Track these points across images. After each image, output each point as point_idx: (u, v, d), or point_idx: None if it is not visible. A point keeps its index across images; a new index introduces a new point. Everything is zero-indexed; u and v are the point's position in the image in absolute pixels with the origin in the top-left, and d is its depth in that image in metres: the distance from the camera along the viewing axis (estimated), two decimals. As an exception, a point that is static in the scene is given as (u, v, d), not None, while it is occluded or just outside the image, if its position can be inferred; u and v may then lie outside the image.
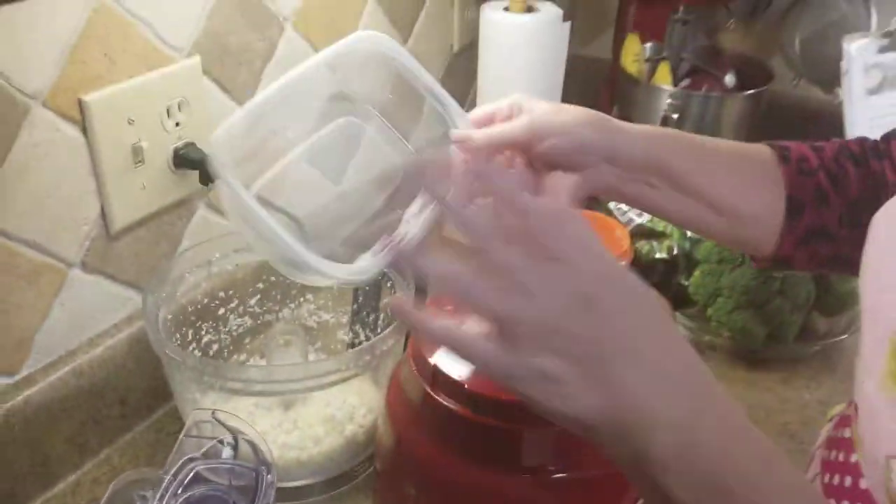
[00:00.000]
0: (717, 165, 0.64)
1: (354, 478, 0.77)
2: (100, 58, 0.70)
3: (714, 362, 0.95)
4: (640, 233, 1.02)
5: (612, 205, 1.03)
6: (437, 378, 0.64)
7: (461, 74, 1.25)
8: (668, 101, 1.17)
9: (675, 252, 0.99)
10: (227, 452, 0.63)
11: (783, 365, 0.94)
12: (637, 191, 0.63)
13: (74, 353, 0.76)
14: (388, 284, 0.82)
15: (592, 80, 1.41)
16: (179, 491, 0.58)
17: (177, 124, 0.78)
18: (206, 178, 0.81)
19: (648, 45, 1.27)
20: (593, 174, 0.61)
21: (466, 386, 0.62)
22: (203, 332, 0.83)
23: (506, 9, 1.05)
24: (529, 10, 1.05)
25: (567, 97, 1.16)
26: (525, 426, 0.61)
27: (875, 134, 1.05)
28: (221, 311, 0.85)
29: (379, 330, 0.84)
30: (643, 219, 1.02)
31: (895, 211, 0.52)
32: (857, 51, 1.11)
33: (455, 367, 0.63)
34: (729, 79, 1.26)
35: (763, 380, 0.92)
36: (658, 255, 1.00)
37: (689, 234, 1.00)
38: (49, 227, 0.71)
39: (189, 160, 0.80)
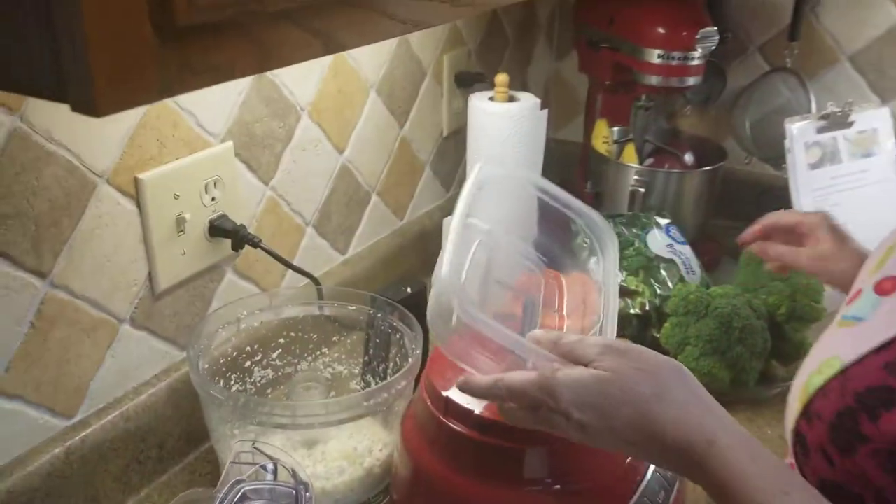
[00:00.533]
0: None
1: (371, 508, 0.87)
2: (153, 142, 0.83)
3: (686, 405, 1.06)
4: (615, 292, 1.14)
5: (589, 266, 1.16)
6: (450, 408, 0.74)
7: (450, 156, 1.39)
8: (635, 177, 1.31)
9: (647, 308, 1.11)
10: (268, 477, 0.72)
11: (747, 406, 1.05)
12: None
13: (121, 401, 0.85)
14: (398, 336, 0.93)
15: (567, 160, 1.56)
16: (231, 506, 0.68)
17: (213, 199, 0.91)
18: (238, 245, 0.93)
19: (616, 128, 1.43)
20: None
21: (475, 412, 0.73)
22: (232, 382, 0.93)
23: (491, 98, 1.19)
24: (511, 99, 1.20)
25: (545, 172, 1.29)
26: (526, 444, 0.71)
27: (819, 204, 1.21)
28: (247, 363, 0.95)
29: (388, 378, 0.94)
30: (618, 278, 1.14)
31: None
32: (799, 131, 1.27)
33: (464, 398, 0.74)
34: (688, 157, 1.41)
35: (730, 420, 1.03)
36: (632, 311, 1.12)
37: (658, 291, 1.13)
38: (106, 287, 0.81)
39: (222, 230, 0.91)
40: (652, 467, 0.75)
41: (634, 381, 0.58)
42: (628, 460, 0.74)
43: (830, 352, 0.59)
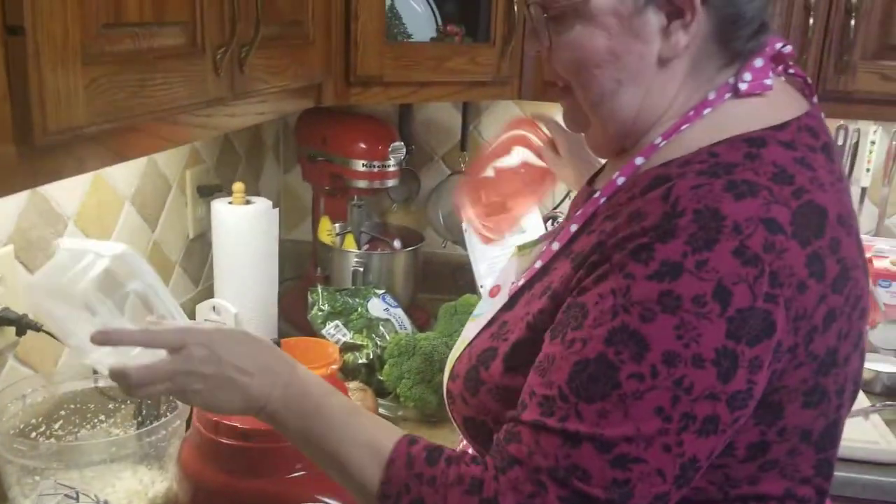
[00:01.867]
0: None
1: (157, 534, 1.05)
2: (-54, 247, 0.99)
3: (408, 429, 1.35)
4: (346, 347, 1.43)
5: (323, 331, 1.44)
6: (219, 428, 0.97)
7: (197, 256, 1.62)
8: (355, 259, 1.63)
9: (371, 357, 1.41)
10: (72, 501, 0.90)
11: (451, 422, 1.36)
12: None
13: (-80, 474, 0.97)
14: (168, 396, 1.13)
15: (301, 255, 1.86)
16: (46, 522, 0.85)
17: (-3, 294, 1.07)
18: (21, 331, 1.09)
19: (337, 224, 1.75)
20: None
21: (239, 427, 0.96)
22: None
23: (230, 202, 1.46)
24: (248, 202, 1.47)
25: (283, 266, 1.57)
26: (280, 443, 0.96)
27: (492, 269, 1.57)
28: (33, 434, 1.10)
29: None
30: (347, 337, 1.44)
31: None
32: (472, 216, 1.66)
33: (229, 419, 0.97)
34: (396, 243, 1.77)
35: (440, 436, 1.34)
36: (360, 361, 1.41)
37: (379, 343, 1.43)
38: None
39: (7, 319, 1.08)
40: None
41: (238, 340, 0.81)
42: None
43: (464, 336, 0.91)
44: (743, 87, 0.76)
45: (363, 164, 1.63)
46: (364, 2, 1.32)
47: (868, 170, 1.78)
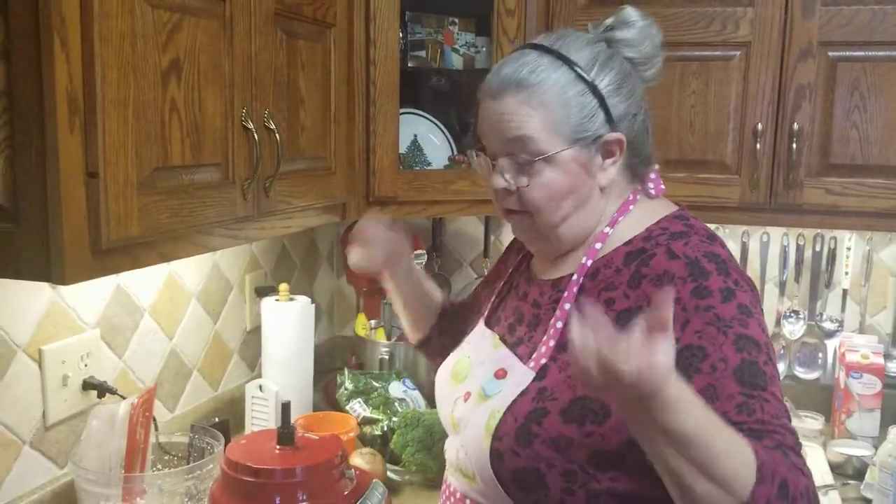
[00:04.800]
0: None
1: (192, 557, 1.32)
2: (51, 327, 1.34)
3: (411, 493, 1.59)
4: (365, 421, 1.70)
5: (347, 407, 1.72)
6: (238, 467, 1.25)
7: (253, 345, 1.95)
8: (383, 349, 1.92)
9: (385, 429, 1.67)
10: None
11: (450, 485, 1.60)
12: None
13: (20, 498, 1.29)
14: (209, 447, 1.43)
15: (348, 346, 2.16)
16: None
17: (85, 365, 1.41)
18: (101, 395, 1.42)
19: (373, 320, 2.05)
20: None
21: (252, 465, 1.24)
22: (96, 487, 1.38)
23: (276, 299, 1.78)
24: (291, 300, 1.79)
25: (333, 357, 1.87)
26: (283, 479, 1.23)
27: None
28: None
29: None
30: (366, 412, 1.71)
31: None
32: (485, 313, 1.93)
33: (242, 458, 1.25)
34: (423, 337, 2.05)
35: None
36: (376, 433, 1.67)
37: (394, 418, 1.69)
38: (17, 419, 1.28)
39: (91, 385, 1.41)
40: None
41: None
42: (350, 488, 1.27)
43: (488, 410, 1.05)
44: (652, 191, 1.10)
45: (391, 269, 1.94)
46: (380, 140, 1.67)
47: (846, 273, 1.96)
